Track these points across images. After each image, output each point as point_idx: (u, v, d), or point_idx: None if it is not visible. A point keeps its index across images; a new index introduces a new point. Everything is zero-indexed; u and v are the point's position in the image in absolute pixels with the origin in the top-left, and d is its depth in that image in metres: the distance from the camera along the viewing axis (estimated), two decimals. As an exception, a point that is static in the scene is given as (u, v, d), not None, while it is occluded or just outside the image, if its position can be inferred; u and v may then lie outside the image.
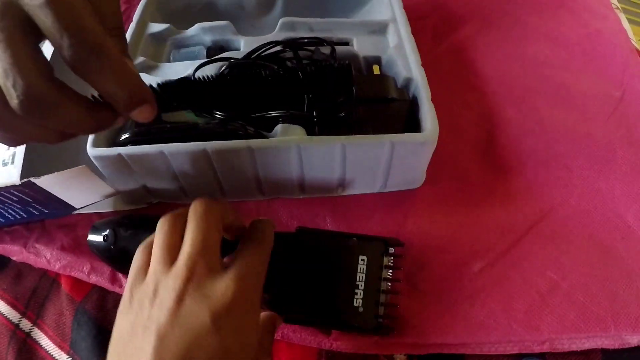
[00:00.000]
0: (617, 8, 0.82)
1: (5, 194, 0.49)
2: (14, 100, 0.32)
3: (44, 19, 0.31)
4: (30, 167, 0.52)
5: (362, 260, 0.43)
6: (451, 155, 0.57)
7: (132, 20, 0.62)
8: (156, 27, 0.62)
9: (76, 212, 0.55)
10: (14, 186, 0.47)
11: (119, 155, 0.47)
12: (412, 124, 0.50)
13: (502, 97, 0.64)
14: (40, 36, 0.33)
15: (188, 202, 0.36)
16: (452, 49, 0.69)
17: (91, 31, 0.32)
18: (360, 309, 0.42)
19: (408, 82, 0.53)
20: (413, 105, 0.51)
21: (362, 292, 0.43)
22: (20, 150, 0.53)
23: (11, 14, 0.32)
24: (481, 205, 0.53)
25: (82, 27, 0.32)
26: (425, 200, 0.54)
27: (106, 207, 0.56)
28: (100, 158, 0.47)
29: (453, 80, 0.65)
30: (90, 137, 0.48)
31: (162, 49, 0.62)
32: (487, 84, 0.65)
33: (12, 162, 0.53)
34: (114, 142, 0.49)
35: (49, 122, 0.34)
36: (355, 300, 0.42)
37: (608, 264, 0.49)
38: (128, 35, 0.59)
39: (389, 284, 0.43)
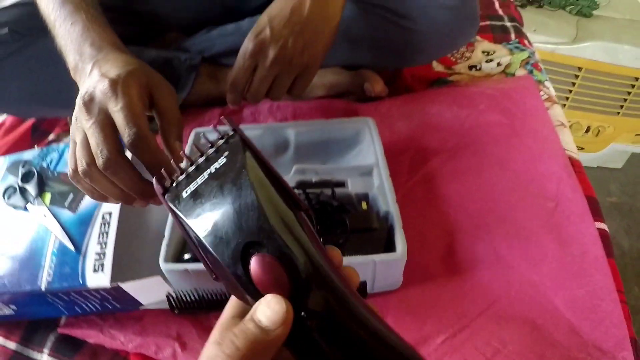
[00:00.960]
0: (562, 124, 1.03)
1: (94, 293, 0.67)
2: (99, 161, 0.56)
3: (117, 118, 0.56)
4: (114, 274, 0.67)
5: None
6: (420, 263, 0.77)
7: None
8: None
9: (142, 307, 0.73)
10: (104, 288, 0.66)
11: (185, 270, 0.67)
12: (390, 245, 0.70)
13: (461, 215, 0.83)
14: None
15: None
16: (425, 178, 0.90)
17: (142, 129, 0.56)
18: None
19: (387, 214, 0.73)
20: (390, 231, 0.71)
21: None
22: (108, 261, 0.67)
23: (102, 113, 0.58)
24: (442, 298, 0.73)
25: (138, 125, 0.56)
26: (403, 297, 0.73)
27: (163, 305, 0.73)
28: (170, 271, 0.68)
29: (424, 204, 0.86)
30: (162, 254, 0.69)
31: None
32: (450, 206, 0.85)
33: (102, 270, 0.67)
34: (178, 259, 0.70)
35: (116, 178, 0.57)
36: None
37: (538, 336, 0.67)
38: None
39: None
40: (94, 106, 0.58)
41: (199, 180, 0.38)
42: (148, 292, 0.70)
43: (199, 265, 0.66)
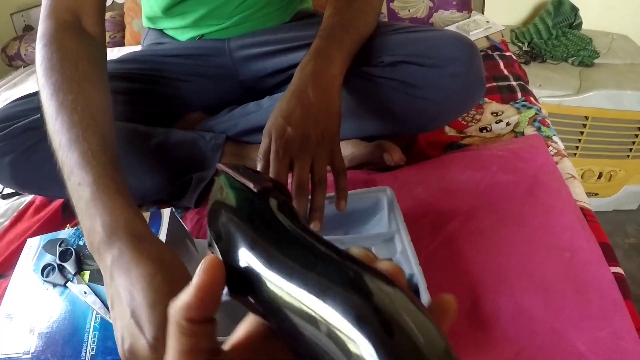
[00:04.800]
0: (572, 176, 1.10)
1: None
2: None
3: None
4: None
5: None
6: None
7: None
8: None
9: None
10: None
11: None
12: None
13: (482, 272, 0.89)
14: None
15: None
16: (445, 240, 0.96)
17: None
18: None
19: (411, 277, 0.79)
20: (416, 293, 0.77)
21: None
22: None
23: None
24: (469, 352, 0.78)
25: None
26: None
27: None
28: None
29: (446, 264, 0.91)
30: None
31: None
32: (472, 264, 0.91)
33: None
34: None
35: None
36: None
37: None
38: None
39: None
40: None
41: None
42: None
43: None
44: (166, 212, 0.89)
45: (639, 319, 0.80)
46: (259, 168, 0.84)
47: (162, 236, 0.84)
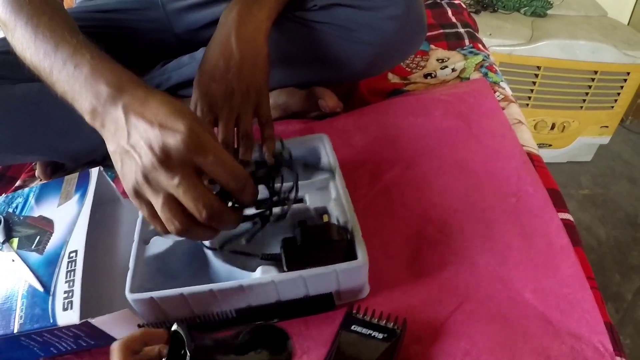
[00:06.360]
0: (519, 122, 1.05)
1: (65, 331, 0.68)
2: (203, 215, 0.57)
3: (216, 170, 0.58)
4: (83, 311, 0.67)
5: None
6: (385, 272, 0.77)
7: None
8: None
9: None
10: (74, 325, 0.66)
11: (152, 298, 0.67)
12: (351, 255, 0.70)
13: (423, 221, 0.84)
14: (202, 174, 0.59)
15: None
16: (384, 189, 0.90)
17: (236, 170, 0.59)
18: None
19: (346, 223, 0.74)
20: (350, 241, 0.71)
21: None
22: (77, 299, 0.67)
23: (188, 167, 0.57)
24: (411, 303, 0.73)
25: (232, 168, 0.59)
26: (370, 306, 0.70)
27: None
28: (137, 301, 0.68)
29: (385, 214, 0.86)
30: (128, 285, 0.69)
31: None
32: (412, 213, 0.85)
33: (71, 308, 0.66)
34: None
35: (221, 225, 0.61)
36: None
37: (510, 331, 0.67)
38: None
39: None
40: (174, 163, 0.57)
41: None
42: (119, 326, 0.70)
43: (165, 293, 0.67)
44: (94, 172, 0.86)
45: (589, 266, 0.76)
46: None
47: (89, 197, 0.81)
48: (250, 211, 0.69)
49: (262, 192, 0.67)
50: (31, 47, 0.71)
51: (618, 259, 1.88)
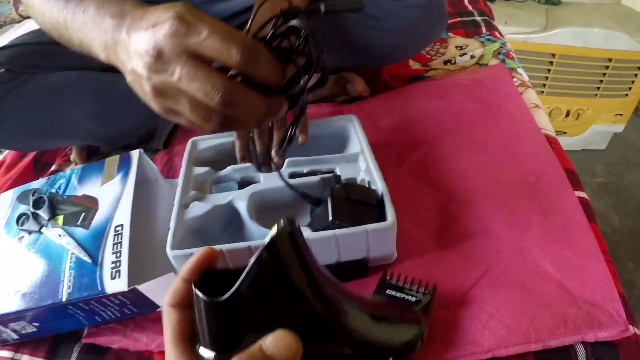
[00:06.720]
0: (536, 106, 1.09)
1: (112, 299, 0.71)
2: (216, 99, 0.51)
3: (212, 46, 0.51)
4: (130, 279, 0.70)
5: None
6: (413, 239, 0.82)
7: (181, 167, 0.88)
8: (199, 170, 0.88)
9: (159, 309, 0.74)
10: (122, 293, 0.69)
11: (191, 254, 0.70)
12: (382, 219, 0.74)
13: (448, 197, 0.89)
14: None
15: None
16: (411, 167, 0.95)
17: (249, 40, 0.53)
18: None
19: (376, 191, 0.78)
20: (381, 207, 0.76)
21: None
22: (124, 268, 0.70)
23: (185, 55, 0.52)
24: (437, 270, 0.77)
25: (231, 36, 0.51)
26: (398, 271, 0.75)
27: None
28: (178, 257, 0.73)
29: (413, 190, 0.91)
30: (169, 243, 0.73)
31: (205, 184, 0.87)
32: (437, 189, 0.90)
33: (119, 277, 0.70)
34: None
35: (237, 110, 0.54)
36: None
37: (530, 298, 0.72)
38: (180, 178, 0.85)
39: None
40: (169, 57, 0.52)
41: None
42: (163, 292, 0.73)
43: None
44: (135, 154, 0.89)
45: (604, 242, 0.80)
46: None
47: (132, 177, 0.84)
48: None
49: None
50: (47, 11, 0.71)
51: (631, 247, 1.89)
